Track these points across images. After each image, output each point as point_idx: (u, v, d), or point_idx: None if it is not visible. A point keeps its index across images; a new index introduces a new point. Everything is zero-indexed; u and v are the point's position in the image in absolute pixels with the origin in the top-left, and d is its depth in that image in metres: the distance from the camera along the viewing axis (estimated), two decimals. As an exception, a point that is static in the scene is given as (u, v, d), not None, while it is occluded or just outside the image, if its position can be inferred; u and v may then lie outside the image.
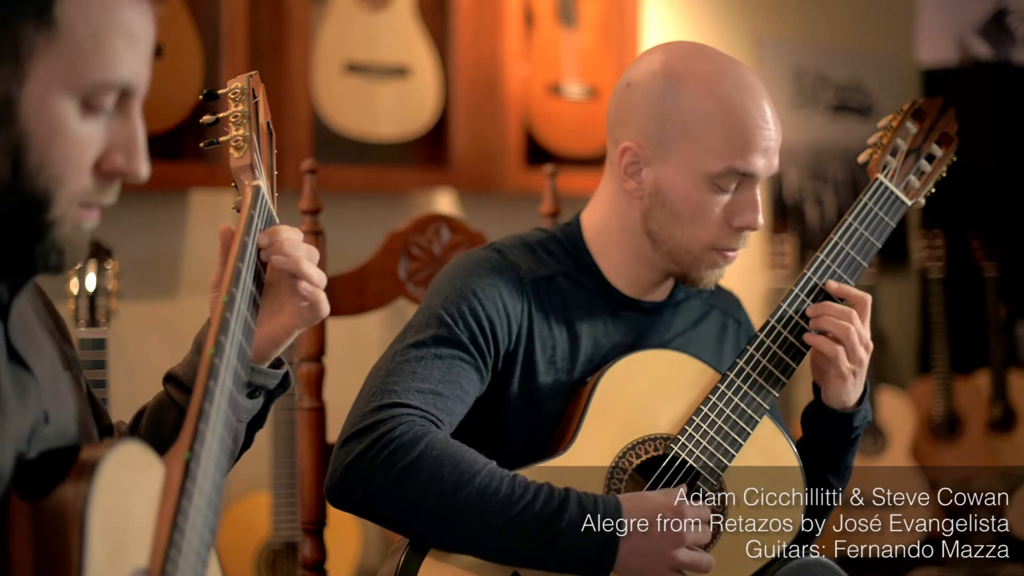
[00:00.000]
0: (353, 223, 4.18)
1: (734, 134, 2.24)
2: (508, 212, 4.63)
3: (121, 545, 1.43)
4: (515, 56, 4.59)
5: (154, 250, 3.93)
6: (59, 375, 1.63)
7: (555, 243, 2.38)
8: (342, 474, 2.11)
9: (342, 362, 3.39)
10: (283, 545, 3.96)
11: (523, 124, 4.65)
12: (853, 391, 2.29)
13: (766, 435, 2.28)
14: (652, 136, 2.29)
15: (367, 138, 4.27)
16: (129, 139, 1.52)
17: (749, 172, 2.25)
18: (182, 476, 1.49)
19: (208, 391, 1.56)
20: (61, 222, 1.49)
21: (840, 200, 6.11)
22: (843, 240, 2.32)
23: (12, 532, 1.41)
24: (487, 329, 2.24)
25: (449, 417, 2.19)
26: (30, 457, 1.46)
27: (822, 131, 6.09)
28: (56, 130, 1.45)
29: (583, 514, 2.07)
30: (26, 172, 1.45)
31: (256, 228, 1.78)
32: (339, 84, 4.18)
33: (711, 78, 2.27)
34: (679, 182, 2.27)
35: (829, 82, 6.14)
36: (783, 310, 2.29)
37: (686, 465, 2.22)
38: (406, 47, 4.34)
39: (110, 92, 1.48)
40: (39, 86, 1.44)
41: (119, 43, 1.49)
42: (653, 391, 2.27)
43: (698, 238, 2.28)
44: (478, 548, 2.09)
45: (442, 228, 2.80)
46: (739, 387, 2.26)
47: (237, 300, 1.68)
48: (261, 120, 1.89)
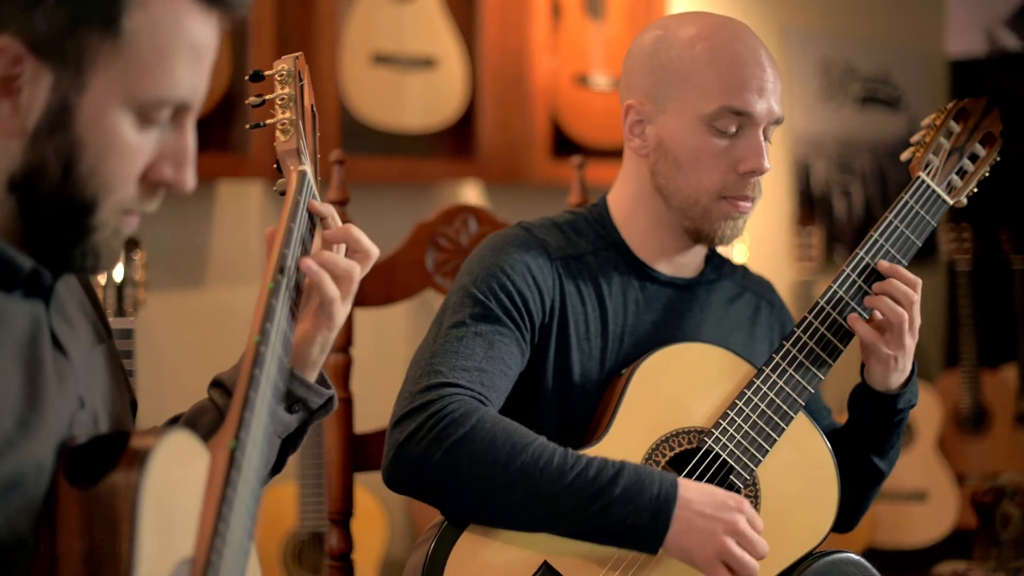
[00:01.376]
0: (380, 214, 4.18)
1: (724, 72, 2.25)
2: (535, 203, 4.62)
3: (169, 534, 1.43)
4: (542, 47, 4.59)
5: (181, 240, 3.94)
6: (92, 350, 1.63)
7: (583, 223, 2.39)
8: (396, 454, 2.12)
9: (369, 353, 3.39)
10: (309, 535, 3.97)
11: (550, 115, 4.65)
12: (895, 375, 2.29)
13: (801, 431, 2.26)
14: (649, 90, 2.31)
15: (394, 129, 4.27)
16: (180, 151, 1.52)
17: (745, 111, 2.24)
18: (227, 465, 1.49)
19: (254, 379, 1.55)
20: (102, 227, 1.49)
21: (867, 192, 6.10)
22: (883, 238, 2.31)
23: (61, 519, 1.41)
24: (519, 303, 2.25)
25: (495, 393, 2.19)
26: (80, 443, 1.46)
27: (850, 123, 6.08)
28: (110, 141, 1.46)
29: (640, 482, 2.06)
30: (76, 178, 1.45)
31: (302, 214, 1.76)
32: (366, 75, 4.18)
33: (701, 27, 2.29)
34: (677, 130, 2.28)
35: (857, 74, 6.12)
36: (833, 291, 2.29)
37: (719, 459, 2.21)
38: (433, 38, 4.33)
39: (167, 107, 1.49)
40: (98, 96, 1.44)
41: (182, 59, 1.49)
42: (688, 384, 2.26)
43: (703, 186, 2.28)
44: (532, 519, 2.09)
45: (470, 219, 2.80)
46: (775, 382, 2.25)
47: (282, 287, 1.66)
48: (306, 103, 1.86)
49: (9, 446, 1.40)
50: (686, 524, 2.06)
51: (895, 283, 2.26)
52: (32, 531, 1.41)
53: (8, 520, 1.40)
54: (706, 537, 2.06)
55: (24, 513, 1.41)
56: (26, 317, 1.49)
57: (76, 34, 1.43)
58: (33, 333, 1.49)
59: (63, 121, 1.44)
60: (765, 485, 2.23)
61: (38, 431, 1.44)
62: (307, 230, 1.77)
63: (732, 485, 2.20)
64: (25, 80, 1.43)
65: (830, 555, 2.22)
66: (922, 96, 6.38)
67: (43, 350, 1.49)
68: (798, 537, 2.23)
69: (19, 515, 1.41)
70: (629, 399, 2.22)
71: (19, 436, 1.41)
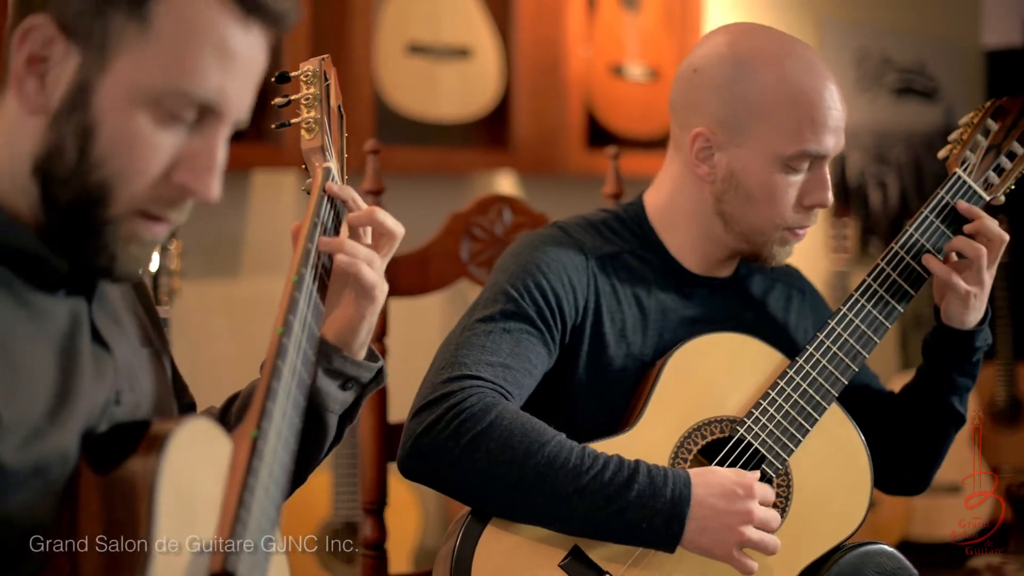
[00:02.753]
0: (414, 204, 4.18)
1: (805, 116, 2.25)
2: (570, 194, 4.62)
3: (188, 519, 1.44)
4: (577, 37, 4.58)
5: (216, 230, 3.95)
6: (138, 352, 1.64)
7: (619, 222, 2.39)
8: (413, 444, 2.12)
9: (404, 343, 3.39)
10: (343, 525, 3.98)
11: (585, 105, 4.64)
12: (973, 313, 2.33)
13: (834, 422, 2.27)
14: (724, 121, 2.29)
15: (429, 119, 4.27)
16: (202, 157, 1.51)
17: (821, 153, 2.27)
18: (249, 453, 1.50)
19: (276, 370, 1.56)
20: (117, 223, 1.48)
21: (903, 184, 6.08)
22: (918, 232, 2.33)
23: (81, 504, 1.42)
24: (553, 303, 2.25)
25: (518, 390, 2.19)
26: (101, 431, 1.47)
27: (885, 114, 6.06)
28: (125, 128, 1.45)
29: (653, 486, 2.06)
30: (90, 162, 1.45)
31: (326, 210, 1.78)
32: (401, 65, 4.18)
33: (778, 60, 2.27)
34: (753, 166, 2.28)
35: (893, 65, 6.10)
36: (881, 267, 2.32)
37: (751, 448, 2.21)
38: (468, 28, 4.33)
39: (189, 104, 1.47)
40: (118, 79, 1.45)
41: (208, 57, 1.47)
42: (721, 373, 2.27)
43: (772, 219, 2.29)
44: (546, 517, 2.09)
45: (504, 209, 2.80)
46: (808, 373, 2.25)
47: (306, 280, 1.68)
48: (332, 103, 1.89)
49: (37, 435, 1.41)
50: (701, 523, 2.07)
51: (978, 223, 2.30)
52: (52, 516, 1.42)
53: (30, 505, 1.41)
54: (722, 533, 2.07)
55: (47, 499, 1.42)
56: (66, 313, 1.50)
57: (104, 15, 1.44)
58: (72, 328, 1.50)
59: (82, 102, 1.44)
60: (797, 475, 2.23)
61: (67, 421, 1.45)
62: (332, 225, 1.80)
63: (764, 475, 2.20)
64: (54, 60, 1.44)
65: (862, 546, 2.22)
66: (958, 87, 6.35)
67: (81, 344, 1.50)
68: (830, 528, 2.22)
69: (41, 501, 1.42)
70: (662, 387, 2.23)
71: (48, 426, 1.43)
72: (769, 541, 2.09)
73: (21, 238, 1.46)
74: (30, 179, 1.46)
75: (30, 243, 1.46)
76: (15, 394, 1.40)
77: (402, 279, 2.70)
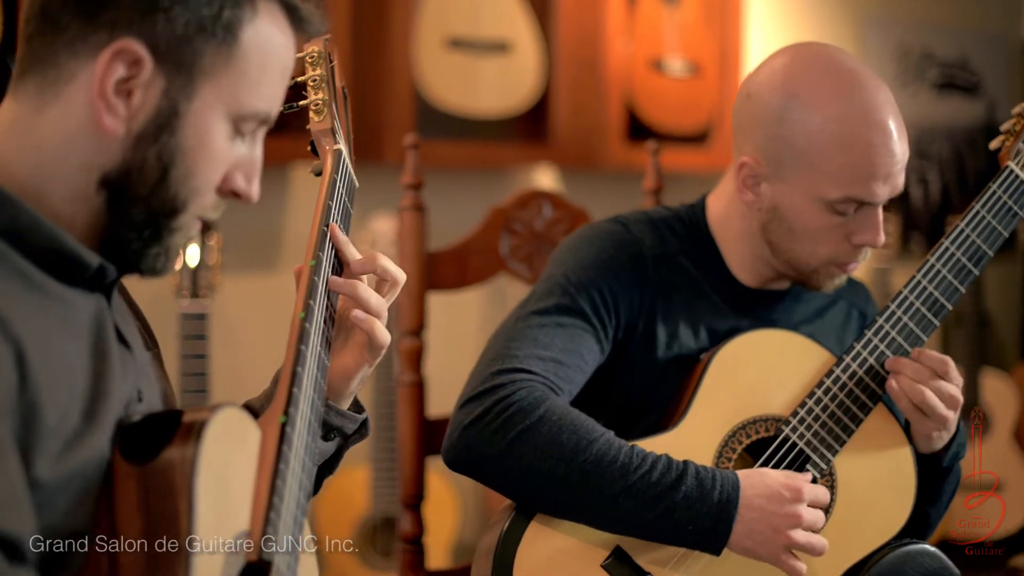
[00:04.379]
0: (454, 198, 4.18)
1: (853, 163, 2.17)
2: (609, 188, 4.61)
3: (224, 508, 1.44)
4: (617, 31, 4.57)
5: (255, 224, 3.95)
6: (144, 354, 1.64)
7: (680, 223, 2.35)
8: (459, 436, 2.11)
9: (442, 337, 3.40)
10: (382, 519, 3.98)
11: (625, 100, 4.63)
12: (938, 441, 2.23)
13: (880, 421, 2.23)
14: (770, 155, 2.23)
15: (468, 114, 4.26)
16: (252, 163, 1.57)
17: (867, 200, 2.18)
18: (278, 440, 1.50)
19: (300, 354, 1.58)
20: (181, 231, 1.53)
21: (944, 179, 6.04)
22: (969, 227, 2.25)
23: (119, 496, 1.42)
24: (608, 300, 2.23)
25: (568, 386, 2.17)
26: (134, 421, 1.47)
27: (927, 109, 6.02)
28: (208, 148, 1.50)
29: (701, 488, 2.04)
30: (171, 182, 1.49)
31: (339, 192, 1.78)
32: (441, 59, 4.18)
33: (832, 101, 2.18)
34: (796, 204, 2.22)
35: (934, 60, 6.06)
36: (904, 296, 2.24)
37: (796, 448, 2.19)
38: (508, 22, 4.33)
39: (258, 122, 1.54)
40: (205, 104, 1.49)
41: (277, 76, 1.55)
42: (767, 371, 2.24)
43: (816, 255, 2.24)
44: (592, 515, 2.08)
45: (544, 204, 2.79)
46: (855, 372, 2.21)
47: (324, 263, 1.69)
48: (337, 84, 1.88)
49: (75, 440, 1.41)
50: (748, 526, 2.05)
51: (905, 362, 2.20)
52: (91, 517, 1.42)
53: (68, 509, 1.41)
54: (769, 535, 2.05)
55: (85, 501, 1.42)
56: (90, 310, 1.50)
57: (194, 42, 1.47)
58: (99, 326, 1.50)
59: (170, 126, 1.47)
60: (842, 476, 2.21)
61: (102, 422, 1.45)
62: (345, 207, 1.80)
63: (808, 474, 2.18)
64: (140, 83, 1.46)
65: (905, 546, 2.20)
66: (1001, 82, 6.30)
67: (109, 343, 1.51)
68: (874, 529, 2.20)
69: (80, 504, 1.42)
70: (707, 385, 2.21)
71: (85, 428, 1.43)
72: (817, 542, 2.07)
73: (52, 236, 1.46)
74: (94, 190, 1.48)
75: (62, 242, 1.46)
76: (55, 394, 1.40)
77: (441, 273, 2.70)
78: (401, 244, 2.67)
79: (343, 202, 1.79)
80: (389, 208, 3.72)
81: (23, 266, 1.44)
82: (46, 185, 1.47)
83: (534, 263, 2.74)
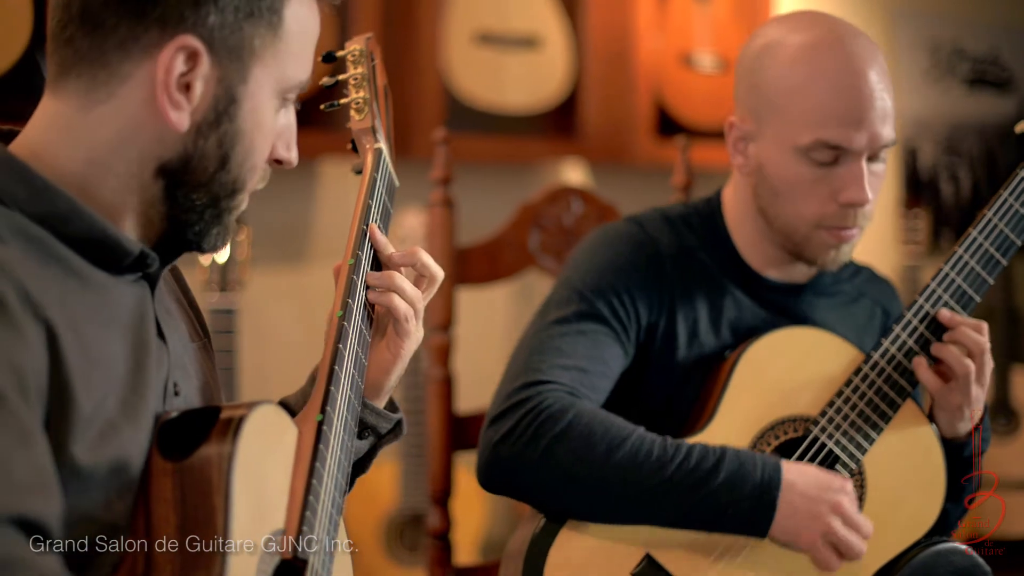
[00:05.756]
0: (482, 193, 4.18)
1: (821, 104, 2.14)
2: (639, 184, 4.60)
3: (260, 506, 1.44)
4: (647, 26, 4.56)
5: (284, 219, 3.95)
6: (187, 346, 1.64)
7: (696, 217, 2.34)
8: (491, 454, 2.09)
9: (471, 333, 3.39)
10: (410, 514, 3.98)
11: (654, 95, 4.62)
12: (962, 424, 2.20)
13: (908, 418, 2.20)
14: (750, 109, 2.23)
15: (497, 109, 4.26)
16: (291, 131, 1.60)
17: (841, 145, 2.15)
18: (315, 439, 1.51)
19: (337, 353, 1.59)
20: (239, 208, 1.57)
21: (975, 176, 6.01)
22: (997, 216, 2.21)
23: (154, 491, 1.42)
24: (627, 303, 2.22)
25: (595, 393, 2.15)
26: (171, 417, 1.47)
27: (958, 105, 5.99)
28: (262, 125, 1.54)
29: (742, 468, 2.03)
30: (233, 165, 1.52)
31: (380, 191, 1.78)
32: (469, 55, 4.17)
33: (802, 48, 2.17)
34: (773, 157, 2.20)
35: (966, 55, 6.03)
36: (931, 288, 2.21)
37: (825, 448, 2.17)
38: (537, 17, 4.32)
39: (299, 90, 1.58)
40: (258, 85, 1.52)
41: (311, 45, 1.59)
42: (794, 370, 2.21)
43: (801, 215, 2.19)
44: (634, 513, 2.06)
45: (574, 200, 2.79)
46: (883, 368, 2.19)
47: (362, 263, 1.69)
48: (379, 83, 1.88)
49: (113, 429, 1.41)
50: (791, 508, 2.03)
51: (964, 331, 2.17)
52: (130, 512, 1.42)
53: (108, 501, 1.41)
54: (811, 520, 2.04)
55: (125, 495, 1.42)
56: (133, 300, 1.51)
57: (244, 28, 1.49)
58: (140, 317, 1.51)
59: (228, 112, 1.50)
60: (871, 474, 2.19)
61: (140, 416, 1.45)
62: (385, 207, 1.80)
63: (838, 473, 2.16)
64: (199, 75, 1.48)
65: (936, 544, 2.18)
66: (1033, 78, 6.28)
67: (149, 334, 1.51)
68: (905, 527, 2.18)
69: (120, 497, 1.42)
70: (734, 386, 2.19)
71: (122, 420, 1.43)
72: (855, 543, 2.05)
73: (91, 223, 1.47)
74: (150, 180, 1.51)
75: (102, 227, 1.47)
76: (90, 380, 1.40)
77: (471, 268, 2.70)
78: (430, 239, 2.67)
79: (383, 201, 1.79)
80: (418, 203, 3.72)
81: (62, 253, 1.45)
82: (96, 178, 1.49)
83: (563, 258, 2.74)
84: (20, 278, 1.36)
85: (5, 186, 1.44)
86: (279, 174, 1.61)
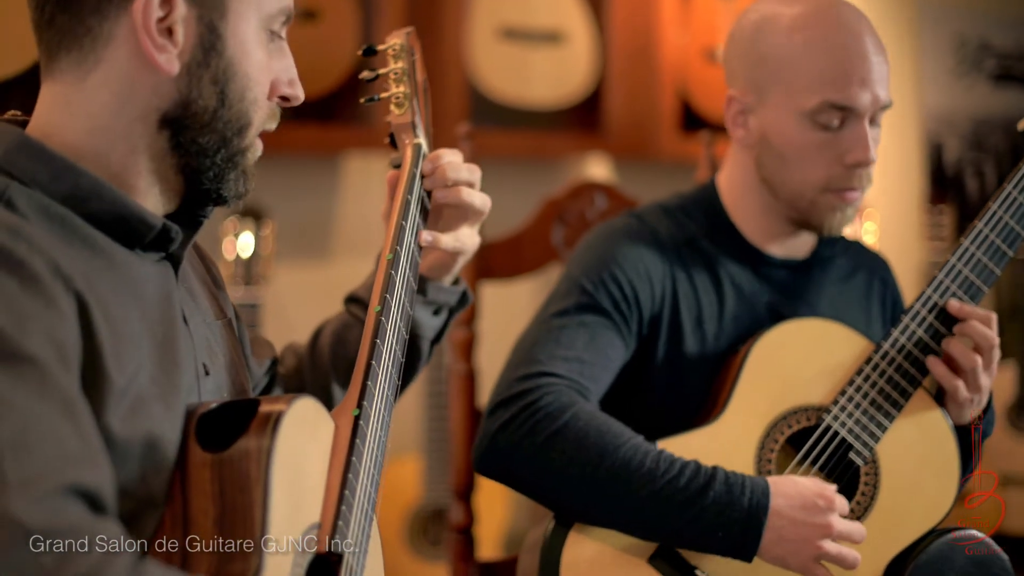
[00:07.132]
0: (506, 187, 4.17)
1: (824, 66, 2.19)
2: (662, 179, 4.59)
3: (297, 499, 1.45)
4: (671, 22, 4.56)
5: (308, 213, 3.96)
6: (212, 324, 1.65)
7: (693, 205, 2.37)
8: (489, 442, 2.11)
9: (494, 327, 3.39)
10: (433, 508, 3.98)
11: (679, 90, 4.62)
12: (970, 410, 2.22)
13: (920, 406, 2.21)
14: (750, 81, 2.27)
15: (521, 104, 4.26)
16: (290, 67, 1.60)
17: (847, 105, 2.19)
18: (352, 433, 1.52)
19: (375, 348, 1.60)
20: (252, 149, 1.58)
21: (1001, 172, 6.00)
22: (1001, 208, 2.23)
23: (192, 482, 1.43)
24: (629, 294, 2.23)
25: (595, 385, 2.17)
26: (210, 408, 1.48)
27: (984, 101, 5.98)
28: (251, 56, 1.55)
29: (730, 494, 2.03)
30: (232, 99, 1.53)
31: (418, 186, 1.79)
32: (494, 50, 4.17)
33: (799, 17, 2.22)
34: (780, 124, 2.24)
35: (992, 50, 6.02)
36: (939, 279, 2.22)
37: (838, 436, 2.17)
38: (561, 12, 4.32)
39: (285, 19, 1.58)
40: (238, 16, 1.53)
41: None
42: (806, 361, 2.23)
43: (808, 180, 2.24)
44: (619, 520, 2.07)
45: (597, 195, 2.79)
46: (893, 358, 2.20)
47: (401, 258, 1.69)
48: (419, 77, 1.88)
49: (144, 404, 1.42)
50: (778, 534, 2.03)
51: (972, 324, 2.19)
52: (165, 490, 1.43)
53: (145, 478, 1.41)
54: (799, 545, 2.03)
55: (160, 473, 1.43)
56: (157, 279, 1.52)
57: None
58: (166, 297, 1.52)
59: (215, 47, 1.52)
60: (885, 463, 2.19)
61: (171, 394, 1.46)
62: (423, 203, 1.81)
63: (851, 464, 2.17)
64: (177, 17, 1.49)
65: (950, 532, 2.17)
66: (1059, 74, 6.26)
67: (175, 315, 1.52)
68: (919, 515, 2.18)
69: (155, 475, 1.42)
70: (746, 377, 2.20)
71: (153, 397, 1.43)
72: (848, 555, 2.04)
73: (114, 199, 1.49)
74: (155, 132, 1.52)
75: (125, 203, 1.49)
76: (122, 357, 1.41)
77: (494, 262, 2.71)
78: (454, 234, 2.67)
79: (421, 196, 1.79)
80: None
81: (86, 231, 1.46)
82: (105, 146, 1.51)
83: (587, 254, 2.74)
84: (49, 252, 1.37)
85: (26, 167, 1.46)
86: (303, 168, 1.61)
